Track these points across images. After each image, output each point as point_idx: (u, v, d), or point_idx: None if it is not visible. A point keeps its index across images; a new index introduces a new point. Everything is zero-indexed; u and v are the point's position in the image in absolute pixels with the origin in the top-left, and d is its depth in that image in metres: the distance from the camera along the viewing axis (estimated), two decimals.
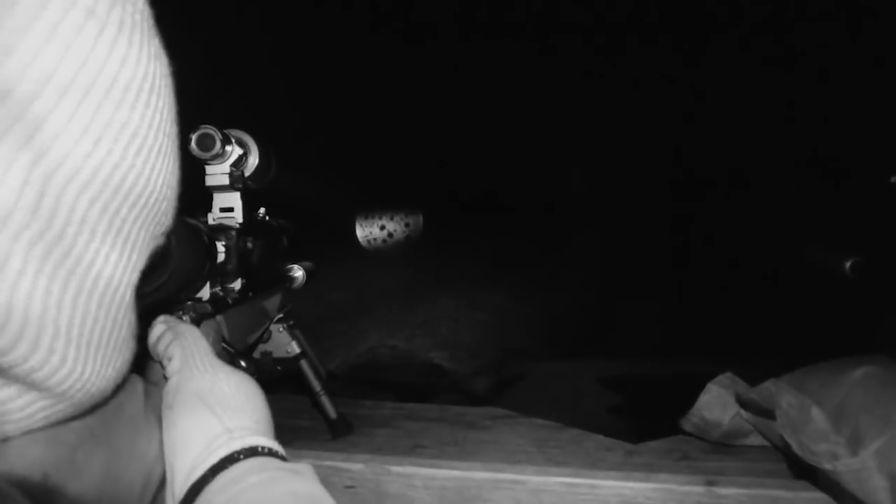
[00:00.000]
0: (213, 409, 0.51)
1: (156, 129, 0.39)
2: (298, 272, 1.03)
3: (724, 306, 1.44)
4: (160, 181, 0.41)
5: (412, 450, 1.03)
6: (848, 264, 1.14)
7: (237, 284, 0.78)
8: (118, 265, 0.39)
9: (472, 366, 1.72)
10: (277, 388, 1.28)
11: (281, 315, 1.01)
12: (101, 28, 0.34)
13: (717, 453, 1.01)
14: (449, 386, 1.57)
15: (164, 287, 0.54)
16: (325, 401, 1.08)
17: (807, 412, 0.87)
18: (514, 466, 0.97)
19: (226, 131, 0.79)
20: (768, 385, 0.93)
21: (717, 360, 1.20)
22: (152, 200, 0.40)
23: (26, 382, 0.35)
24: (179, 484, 0.47)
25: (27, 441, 0.39)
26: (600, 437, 1.08)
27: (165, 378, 0.56)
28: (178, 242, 0.54)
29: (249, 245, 0.79)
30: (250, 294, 0.82)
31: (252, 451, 0.48)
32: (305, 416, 1.17)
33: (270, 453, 0.50)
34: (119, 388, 0.45)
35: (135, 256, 0.40)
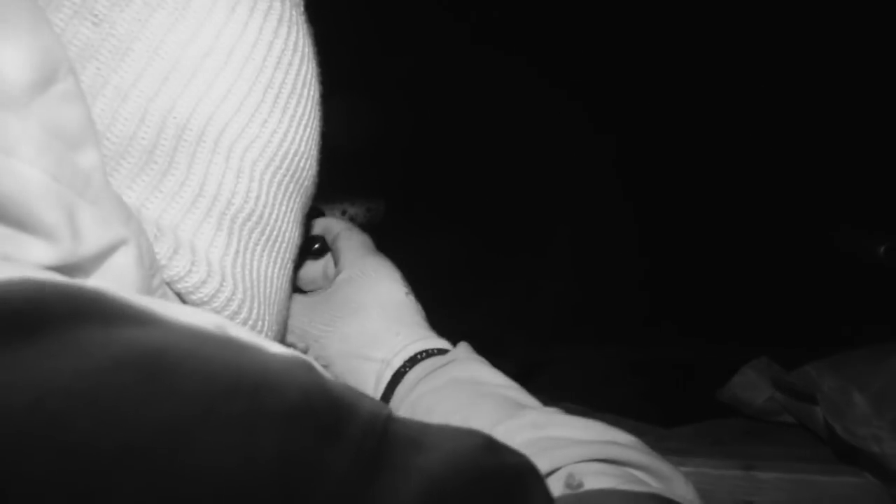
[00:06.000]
0: (401, 312, 0.61)
1: (307, 97, 0.40)
2: None
3: (748, 293, 1.43)
4: (311, 147, 0.42)
5: None
6: (882, 249, 1.12)
7: None
8: (292, 231, 0.42)
9: (495, 351, 1.71)
10: None
11: None
12: (253, 3, 0.36)
13: (750, 438, 1.00)
14: None
15: None
16: None
17: (849, 396, 0.86)
18: None
19: None
20: (808, 369, 0.92)
21: (742, 346, 1.19)
22: (306, 166, 0.43)
23: None
24: (377, 371, 0.56)
25: None
26: (631, 421, 1.07)
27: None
28: None
29: None
30: None
31: (441, 351, 0.59)
32: None
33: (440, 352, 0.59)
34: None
35: (298, 218, 0.44)
